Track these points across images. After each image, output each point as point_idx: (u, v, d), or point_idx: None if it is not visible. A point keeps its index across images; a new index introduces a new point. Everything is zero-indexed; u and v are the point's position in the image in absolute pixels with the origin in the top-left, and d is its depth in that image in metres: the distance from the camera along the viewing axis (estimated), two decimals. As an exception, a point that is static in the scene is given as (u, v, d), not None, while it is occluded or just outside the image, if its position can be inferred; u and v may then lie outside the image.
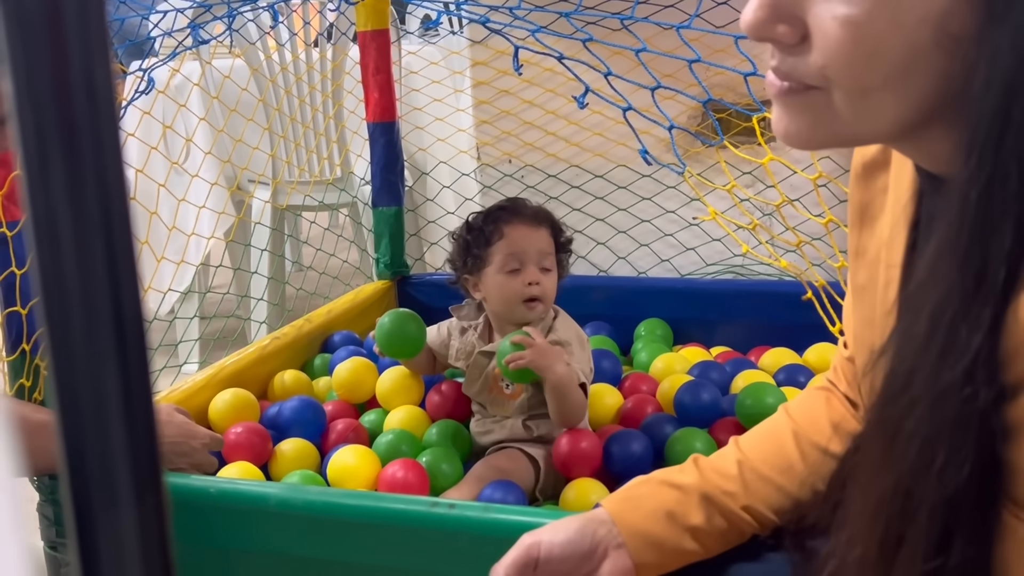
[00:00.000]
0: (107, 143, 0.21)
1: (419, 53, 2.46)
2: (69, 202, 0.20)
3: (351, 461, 1.36)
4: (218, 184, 2.23)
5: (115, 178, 0.21)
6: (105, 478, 0.21)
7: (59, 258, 0.21)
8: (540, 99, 2.16)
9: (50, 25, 0.19)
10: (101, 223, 0.21)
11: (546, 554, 0.75)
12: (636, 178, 2.10)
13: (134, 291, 0.22)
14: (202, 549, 1.17)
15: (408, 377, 1.60)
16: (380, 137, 2.05)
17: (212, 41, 1.91)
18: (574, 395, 1.34)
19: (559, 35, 1.56)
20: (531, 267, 1.40)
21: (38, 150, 0.20)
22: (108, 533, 0.21)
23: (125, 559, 0.21)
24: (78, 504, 0.21)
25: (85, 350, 0.21)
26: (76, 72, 0.20)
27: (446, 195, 2.37)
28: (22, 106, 0.20)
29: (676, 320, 1.93)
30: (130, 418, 0.22)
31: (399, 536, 1.07)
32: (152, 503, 0.22)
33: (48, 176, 0.20)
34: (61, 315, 0.21)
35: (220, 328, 2.35)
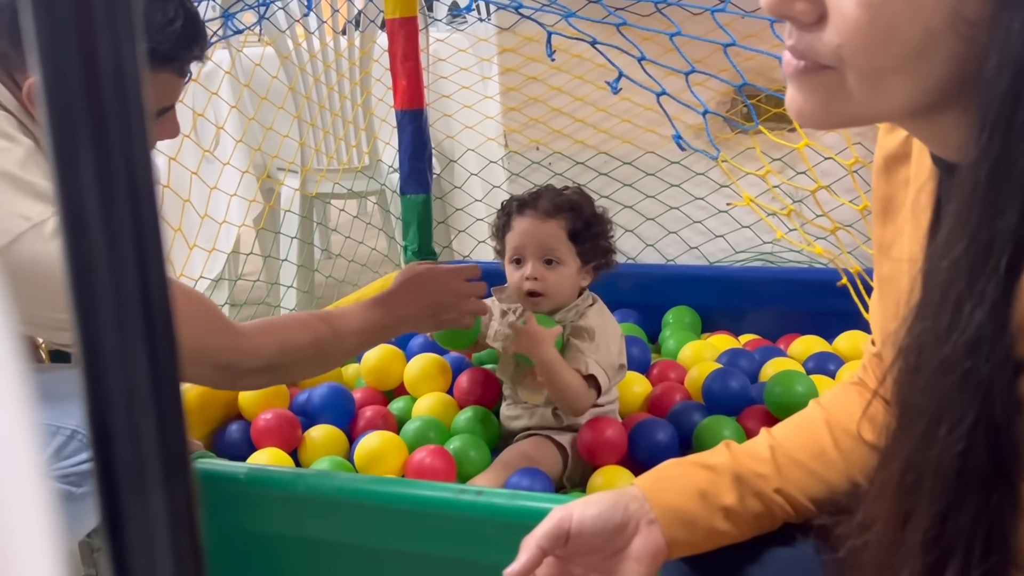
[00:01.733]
0: (135, 131, 0.21)
1: (447, 40, 2.46)
2: (98, 189, 0.21)
3: (378, 446, 1.37)
4: (248, 172, 2.25)
5: (143, 166, 0.21)
6: (134, 461, 0.22)
7: (88, 244, 0.21)
8: (568, 86, 2.15)
9: (78, 13, 0.20)
10: (129, 210, 0.21)
11: (577, 527, 0.75)
12: (665, 165, 2.09)
13: (162, 277, 0.22)
14: (233, 533, 1.18)
15: (436, 364, 1.60)
16: (408, 125, 2.05)
17: (245, 31, 1.92)
18: (564, 379, 1.34)
19: (591, 20, 1.56)
20: (531, 261, 1.40)
21: (67, 139, 0.20)
22: (137, 516, 0.22)
23: (155, 542, 0.22)
24: (107, 488, 0.22)
25: (113, 335, 0.21)
26: (105, 60, 0.20)
27: (474, 182, 2.37)
28: (51, 94, 0.20)
29: (705, 308, 1.92)
30: (158, 402, 0.22)
31: (426, 522, 1.08)
32: (180, 486, 0.23)
33: (77, 164, 0.20)
34: (89, 300, 0.21)
35: (250, 315, 2.36)
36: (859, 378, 0.87)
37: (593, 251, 1.43)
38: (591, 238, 1.42)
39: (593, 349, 1.37)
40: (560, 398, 1.37)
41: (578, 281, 1.43)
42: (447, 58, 2.39)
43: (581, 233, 1.41)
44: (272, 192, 2.46)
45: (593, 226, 1.43)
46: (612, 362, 1.40)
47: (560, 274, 1.40)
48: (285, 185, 2.44)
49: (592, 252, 1.43)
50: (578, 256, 1.41)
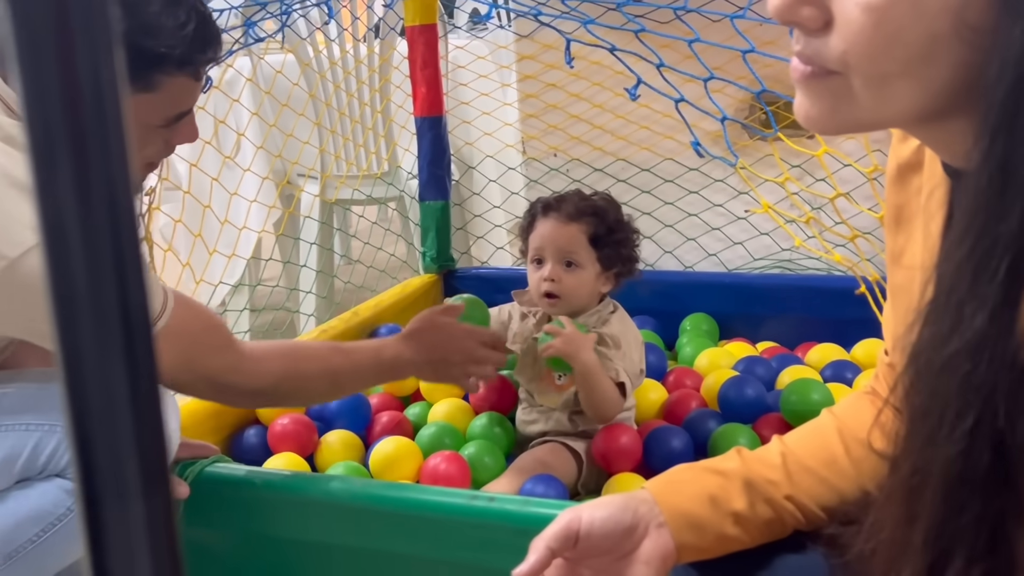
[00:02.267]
0: (114, 146, 0.21)
1: (466, 47, 2.46)
2: (77, 204, 0.21)
3: (393, 452, 1.38)
4: (268, 178, 2.26)
5: (121, 181, 0.21)
6: (113, 473, 0.22)
7: (67, 258, 0.21)
8: (587, 92, 2.15)
9: (57, 31, 0.20)
10: (108, 225, 0.21)
11: (586, 528, 0.75)
12: (683, 172, 2.09)
13: (141, 290, 0.22)
14: (248, 537, 1.19)
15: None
16: (427, 131, 2.06)
17: (266, 39, 1.93)
18: (603, 386, 1.34)
19: (610, 26, 1.56)
20: (550, 262, 1.41)
21: (46, 154, 0.21)
22: (117, 527, 0.22)
23: (134, 552, 0.22)
24: (87, 498, 0.22)
25: (93, 348, 0.22)
26: (84, 76, 0.21)
27: (492, 189, 2.38)
28: (31, 109, 0.21)
29: (722, 315, 1.91)
30: (137, 415, 0.22)
31: (440, 528, 1.08)
32: (159, 497, 0.23)
33: (56, 179, 0.21)
34: (69, 315, 0.22)
35: (269, 320, 2.38)
36: (871, 387, 0.86)
37: (613, 257, 1.43)
38: (612, 244, 1.42)
39: (620, 356, 1.38)
40: (593, 405, 1.37)
41: (597, 286, 1.43)
42: (466, 65, 2.40)
43: (602, 238, 1.41)
44: (292, 198, 2.47)
45: (616, 232, 1.43)
46: (634, 369, 1.40)
47: (578, 277, 1.41)
48: (305, 191, 2.46)
49: (612, 258, 1.43)
50: (598, 261, 1.42)
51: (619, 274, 1.45)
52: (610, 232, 1.42)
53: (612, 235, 1.42)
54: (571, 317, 1.42)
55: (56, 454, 1.04)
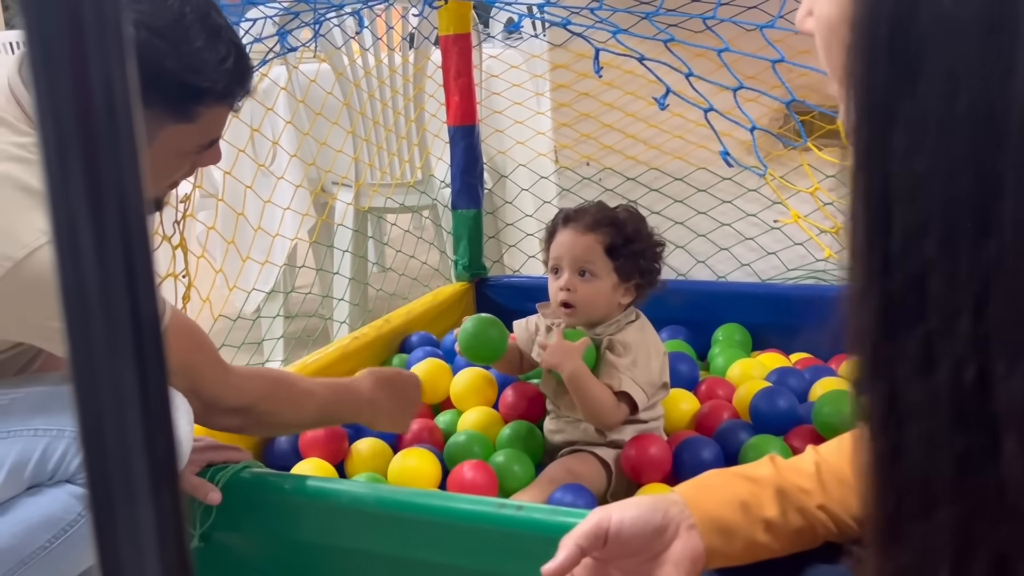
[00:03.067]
0: (125, 155, 0.22)
1: (500, 57, 2.47)
2: (88, 210, 0.21)
3: (413, 464, 1.38)
4: (302, 186, 2.28)
5: (132, 188, 0.22)
6: (123, 474, 0.22)
7: (79, 263, 0.22)
8: (620, 102, 2.15)
9: (72, 45, 0.21)
10: (119, 231, 0.22)
11: (616, 528, 0.74)
12: (716, 181, 2.08)
13: (151, 295, 0.23)
14: (278, 542, 1.20)
15: (482, 379, 1.61)
16: (460, 140, 2.07)
17: (300, 48, 1.95)
18: (592, 394, 1.34)
19: (640, 36, 1.56)
20: (566, 273, 1.41)
21: (59, 161, 0.21)
22: (126, 527, 0.22)
23: (143, 551, 0.23)
24: (97, 499, 0.23)
25: (104, 352, 0.22)
26: (96, 86, 0.21)
27: (525, 198, 2.38)
28: (44, 119, 0.21)
29: (755, 325, 1.90)
30: (147, 417, 0.23)
31: (467, 536, 1.08)
32: (168, 497, 0.23)
33: (68, 186, 0.21)
34: (81, 318, 0.22)
35: (304, 327, 2.40)
36: None
37: (631, 268, 1.42)
38: (630, 255, 1.41)
39: (628, 365, 1.37)
40: (587, 411, 1.37)
41: (615, 297, 1.42)
42: (500, 74, 2.40)
43: (620, 248, 1.41)
44: (325, 206, 2.49)
45: (634, 243, 1.42)
46: (652, 379, 1.39)
47: (593, 287, 1.40)
48: (339, 199, 2.48)
49: (630, 269, 1.42)
50: (615, 271, 1.41)
51: (640, 285, 1.44)
52: (628, 242, 1.41)
53: (630, 245, 1.42)
54: (590, 327, 1.42)
55: (65, 459, 1.05)
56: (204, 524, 1.17)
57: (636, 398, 1.36)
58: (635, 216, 1.47)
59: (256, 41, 1.75)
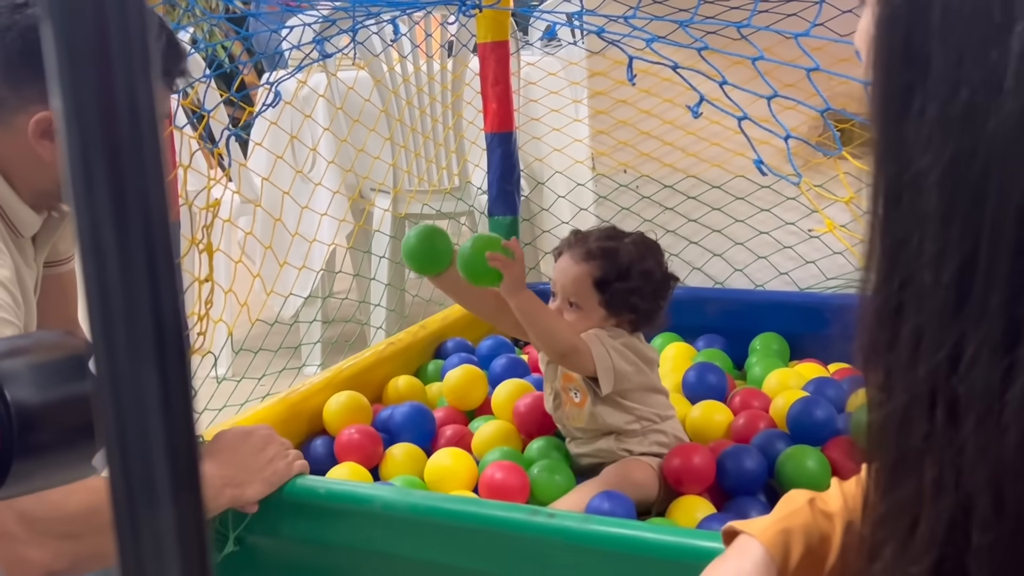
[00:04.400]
0: (149, 163, 0.22)
1: (538, 64, 2.48)
2: (113, 218, 0.22)
3: (448, 463, 1.38)
4: (340, 192, 2.30)
5: (156, 196, 0.22)
6: (146, 478, 0.23)
7: (104, 271, 0.22)
8: (657, 109, 2.14)
9: (97, 52, 0.21)
10: (143, 239, 0.22)
11: None
12: (755, 189, 2.07)
13: (174, 301, 0.23)
14: (311, 546, 1.20)
15: (523, 390, 1.59)
16: (497, 147, 2.07)
17: (337, 54, 1.97)
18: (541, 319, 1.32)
19: (674, 44, 1.55)
20: (558, 299, 1.40)
21: (84, 169, 0.22)
22: (148, 529, 0.23)
23: (164, 554, 0.23)
24: (120, 502, 0.23)
25: (128, 357, 0.23)
26: (121, 96, 0.21)
27: (561, 205, 2.38)
28: (70, 127, 0.22)
29: (793, 335, 1.88)
30: (169, 422, 0.23)
31: (499, 542, 1.08)
32: (190, 501, 0.24)
33: (93, 194, 0.22)
34: (105, 325, 0.22)
35: (340, 332, 2.41)
36: None
37: (620, 304, 1.37)
38: (620, 291, 1.37)
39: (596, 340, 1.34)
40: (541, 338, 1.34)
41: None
42: (538, 81, 2.41)
43: (610, 283, 1.36)
44: (363, 212, 2.51)
45: (626, 279, 1.37)
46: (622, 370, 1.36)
47: (579, 318, 1.37)
48: (376, 206, 2.49)
49: (618, 304, 1.37)
50: (603, 305, 1.37)
51: (632, 321, 1.40)
52: (620, 277, 1.36)
53: (622, 281, 1.36)
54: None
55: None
56: (238, 528, 1.18)
57: (595, 353, 1.33)
58: (640, 249, 1.40)
59: (294, 48, 1.77)
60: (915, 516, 0.49)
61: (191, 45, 2.15)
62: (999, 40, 0.44)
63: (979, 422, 0.45)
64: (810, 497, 0.76)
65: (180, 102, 1.55)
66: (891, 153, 0.48)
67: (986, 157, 0.44)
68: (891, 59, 0.48)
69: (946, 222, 0.46)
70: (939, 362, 0.46)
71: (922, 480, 0.48)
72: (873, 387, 0.51)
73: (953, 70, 0.45)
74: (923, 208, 0.46)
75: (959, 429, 0.46)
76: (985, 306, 0.45)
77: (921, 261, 0.47)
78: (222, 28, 2.98)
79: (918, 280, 0.47)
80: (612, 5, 1.81)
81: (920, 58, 0.46)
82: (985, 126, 0.44)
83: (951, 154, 0.45)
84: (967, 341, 0.45)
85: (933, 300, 0.46)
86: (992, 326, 0.44)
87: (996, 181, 0.44)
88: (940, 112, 0.45)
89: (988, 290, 0.45)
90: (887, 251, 0.49)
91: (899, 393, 0.48)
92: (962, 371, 0.45)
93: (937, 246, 0.46)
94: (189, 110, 1.76)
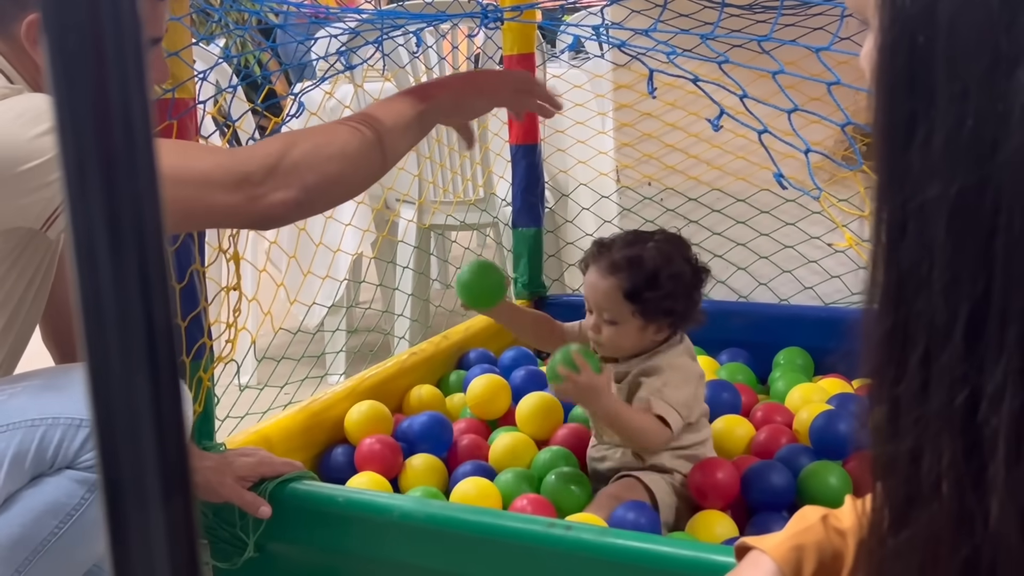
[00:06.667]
0: (142, 171, 0.23)
1: (563, 76, 2.48)
2: (106, 225, 0.22)
3: (473, 493, 1.36)
4: (364, 203, 2.31)
5: (150, 203, 0.23)
6: (136, 480, 0.23)
7: (96, 276, 0.23)
8: (682, 122, 2.14)
9: (92, 61, 0.21)
10: (135, 245, 0.23)
11: None
12: (780, 203, 2.06)
13: (165, 305, 0.23)
14: (330, 554, 1.21)
15: (548, 403, 1.59)
16: (522, 159, 2.08)
17: (362, 65, 1.99)
18: (629, 423, 1.31)
19: (697, 58, 1.55)
20: (593, 315, 1.39)
21: (78, 176, 0.22)
22: (138, 531, 0.23)
23: (154, 555, 0.23)
24: (111, 504, 0.23)
25: (119, 362, 0.23)
26: (115, 105, 0.22)
27: (586, 217, 2.38)
28: (64, 135, 0.22)
29: (817, 350, 1.87)
30: (159, 425, 0.23)
31: (515, 554, 1.08)
32: (180, 504, 0.24)
33: (87, 200, 0.22)
34: (97, 329, 0.23)
35: (364, 341, 2.42)
36: None
37: (653, 311, 1.36)
38: (651, 299, 1.36)
39: (658, 387, 1.34)
40: (632, 441, 1.35)
41: (646, 336, 1.38)
42: (563, 94, 2.41)
43: (640, 293, 1.35)
44: (387, 222, 2.52)
45: (656, 287, 1.35)
46: (685, 401, 1.35)
47: (616, 332, 1.37)
48: (401, 217, 2.50)
49: (652, 312, 1.36)
50: (638, 315, 1.36)
51: (671, 323, 1.39)
52: (649, 286, 1.35)
53: (651, 289, 1.35)
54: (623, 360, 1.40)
55: (63, 445, 1.06)
56: (256, 533, 1.19)
57: (669, 419, 1.33)
58: (665, 251, 1.39)
59: (320, 59, 1.78)
60: (934, 553, 0.47)
61: (222, 56, 2.17)
62: (1006, 71, 0.43)
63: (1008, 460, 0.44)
64: (823, 514, 0.76)
65: (206, 111, 1.56)
66: (896, 181, 0.47)
67: (996, 189, 0.43)
68: (895, 87, 0.47)
69: (955, 253, 0.45)
70: (955, 397, 0.45)
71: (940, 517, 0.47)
72: (879, 419, 0.50)
73: (959, 101, 0.44)
74: (931, 238, 0.45)
75: (984, 467, 0.45)
76: (1002, 339, 0.44)
77: (931, 293, 0.46)
78: (252, 40, 3.01)
79: (927, 312, 0.46)
80: (636, 19, 1.81)
81: (924, 87, 0.45)
82: (994, 158, 0.43)
83: (959, 186, 0.44)
84: (987, 376, 0.44)
85: (945, 333, 0.45)
86: (1011, 360, 0.44)
87: (1007, 214, 0.43)
88: (946, 142, 0.45)
89: (1004, 323, 0.44)
90: (892, 281, 0.48)
91: (908, 426, 0.47)
92: (984, 407, 0.44)
93: (947, 278, 0.45)
94: (217, 119, 1.78)
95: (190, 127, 1.35)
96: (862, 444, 1.43)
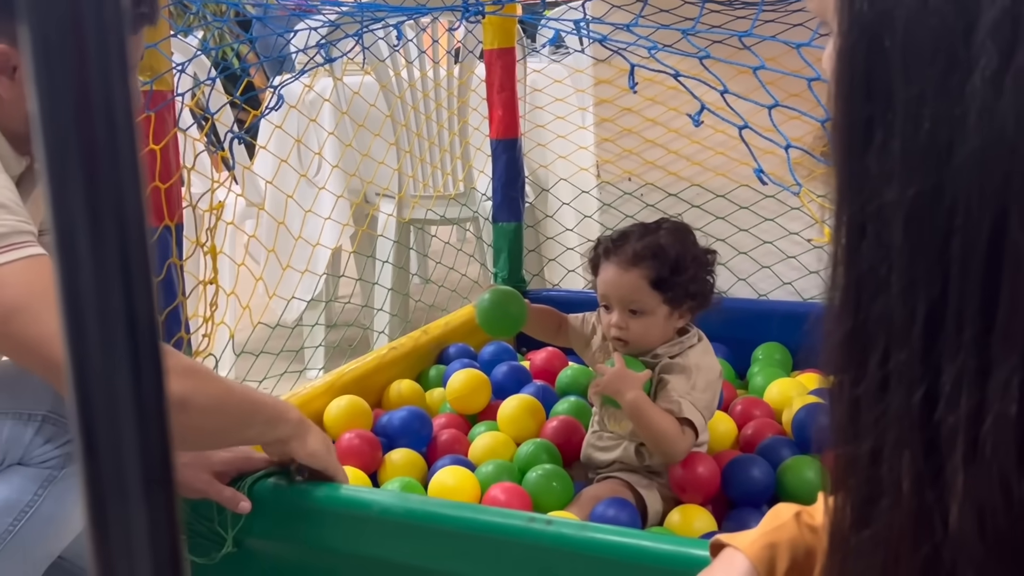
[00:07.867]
0: (124, 162, 0.22)
1: (544, 71, 2.48)
2: (87, 217, 0.22)
3: (451, 482, 1.36)
4: (343, 196, 2.31)
5: (132, 195, 0.22)
6: (117, 474, 0.23)
7: (76, 267, 0.22)
8: (663, 118, 2.14)
9: (73, 51, 0.21)
10: (117, 237, 0.22)
11: None
12: (759, 199, 2.06)
13: (147, 299, 0.23)
14: (309, 549, 1.20)
15: (530, 406, 1.59)
16: (502, 153, 2.07)
17: (342, 58, 1.98)
18: (656, 423, 1.30)
19: (678, 53, 1.55)
20: (616, 310, 1.37)
21: (60, 168, 0.22)
22: (119, 524, 0.23)
23: (134, 548, 0.23)
24: (92, 499, 0.23)
25: (100, 354, 0.23)
26: (96, 96, 0.22)
27: (566, 212, 2.38)
28: (45, 127, 0.22)
29: (796, 345, 1.88)
30: (141, 418, 0.23)
31: (496, 549, 1.08)
32: (161, 497, 0.24)
33: (68, 192, 0.22)
34: (78, 320, 0.23)
35: (343, 336, 2.41)
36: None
37: (680, 296, 1.37)
38: (677, 284, 1.36)
39: (688, 389, 1.34)
40: (652, 443, 1.34)
41: (670, 324, 1.38)
42: (543, 88, 2.41)
43: (666, 280, 1.35)
44: (367, 216, 2.51)
45: (680, 272, 1.36)
46: (710, 404, 1.37)
47: (645, 323, 1.37)
48: (381, 211, 2.50)
49: (680, 297, 1.37)
50: (665, 303, 1.36)
51: (693, 308, 1.40)
52: (674, 272, 1.36)
53: (676, 275, 1.36)
54: (646, 353, 1.39)
55: (12, 441, 1.05)
56: (235, 528, 1.18)
57: (697, 424, 1.32)
58: (679, 236, 1.40)
59: (300, 52, 1.77)
60: (895, 551, 0.48)
61: (200, 48, 2.16)
62: (962, 76, 0.43)
63: (966, 458, 0.45)
64: (796, 511, 0.76)
65: (184, 104, 1.55)
66: (854, 184, 0.48)
67: (952, 193, 0.44)
68: (852, 92, 0.48)
69: (913, 256, 0.45)
70: (913, 397, 0.46)
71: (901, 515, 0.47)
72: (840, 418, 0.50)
73: (915, 105, 0.45)
74: (889, 241, 0.46)
75: (942, 466, 0.45)
76: (959, 340, 0.44)
77: (889, 295, 0.46)
78: (231, 32, 2.99)
79: (886, 314, 0.46)
80: (617, 13, 1.81)
81: (881, 92, 0.46)
82: (950, 162, 0.44)
83: (916, 189, 0.45)
84: (944, 376, 0.45)
85: (903, 335, 0.46)
86: (967, 360, 0.44)
87: (963, 217, 0.44)
88: (903, 146, 0.45)
89: (961, 325, 0.44)
90: (852, 283, 0.48)
91: (869, 426, 0.48)
92: (942, 407, 0.45)
93: (905, 280, 0.46)
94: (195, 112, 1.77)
95: (168, 120, 1.34)
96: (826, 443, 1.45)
